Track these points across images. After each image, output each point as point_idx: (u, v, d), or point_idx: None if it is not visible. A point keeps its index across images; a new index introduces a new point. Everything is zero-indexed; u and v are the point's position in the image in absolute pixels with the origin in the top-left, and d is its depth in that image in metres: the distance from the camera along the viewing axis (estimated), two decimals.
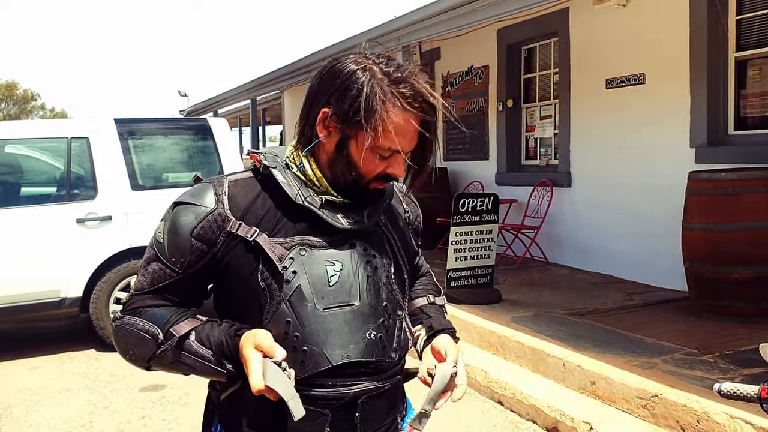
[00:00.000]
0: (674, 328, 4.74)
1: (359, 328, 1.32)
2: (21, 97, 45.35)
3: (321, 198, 1.34)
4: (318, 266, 1.32)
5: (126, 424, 4.14)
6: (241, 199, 1.35)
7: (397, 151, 1.31)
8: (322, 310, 1.30)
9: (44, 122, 7.57)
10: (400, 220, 1.52)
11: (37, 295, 5.29)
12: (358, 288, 1.34)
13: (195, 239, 1.32)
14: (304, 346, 1.29)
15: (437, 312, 1.58)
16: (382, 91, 1.27)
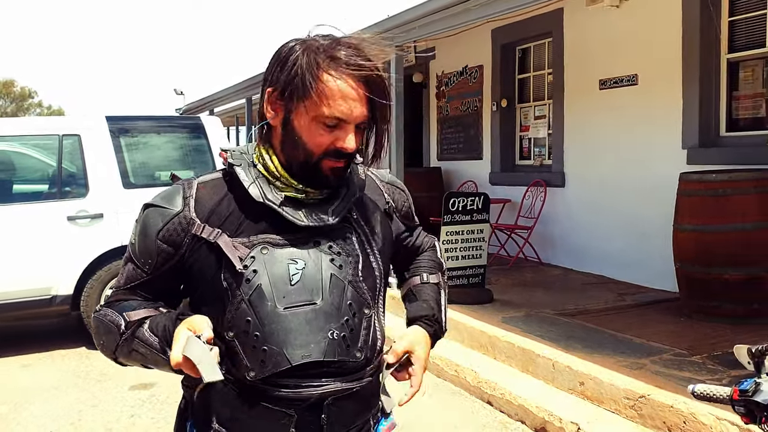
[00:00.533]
0: (664, 328, 4.75)
1: (321, 327, 1.30)
2: (18, 95, 45.21)
3: (282, 195, 1.33)
4: (280, 265, 1.31)
5: (114, 423, 4.13)
6: (208, 201, 1.34)
7: (342, 120, 1.28)
8: (283, 309, 1.29)
9: (36, 119, 7.57)
10: (378, 213, 1.47)
11: (27, 292, 5.28)
12: (321, 286, 1.32)
13: (160, 241, 1.33)
14: (264, 346, 1.28)
15: (427, 293, 1.58)
16: (317, 57, 1.26)
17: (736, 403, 1.27)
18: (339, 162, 1.32)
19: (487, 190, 7.92)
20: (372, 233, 1.43)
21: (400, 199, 1.57)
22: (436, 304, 1.56)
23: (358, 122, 1.30)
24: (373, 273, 1.40)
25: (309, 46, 1.28)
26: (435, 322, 1.53)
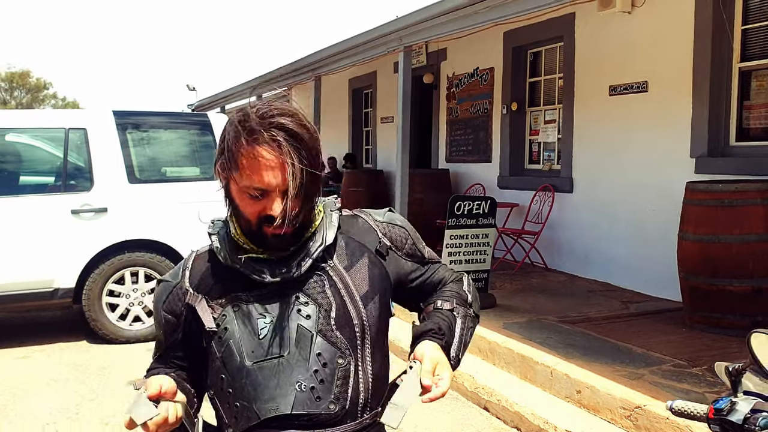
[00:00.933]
0: (665, 338, 4.69)
1: (288, 380, 1.31)
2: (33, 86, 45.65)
3: (242, 258, 1.35)
4: (248, 321, 1.34)
5: (111, 417, 4.14)
6: (198, 271, 1.43)
7: (264, 189, 1.28)
8: (252, 364, 1.31)
9: (42, 112, 7.61)
10: (364, 256, 1.43)
11: (29, 284, 5.31)
12: (288, 338, 1.32)
13: (165, 312, 1.44)
14: (236, 402, 1.33)
15: (437, 317, 1.46)
16: (236, 129, 1.28)
17: (711, 421, 1.24)
18: (278, 229, 1.30)
19: (495, 194, 7.89)
20: (352, 279, 1.40)
21: (400, 236, 1.51)
22: (445, 324, 1.44)
23: (281, 190, 1.28)
24: (351, 321, 1.36)
25: (233, 118, 1.31)
26: (441, 335, 1.40)
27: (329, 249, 1.39)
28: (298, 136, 1.27)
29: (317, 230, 1.39)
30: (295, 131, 1.27)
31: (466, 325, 1.48)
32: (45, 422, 4.08)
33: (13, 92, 45.41)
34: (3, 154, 5.58)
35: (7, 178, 5.55)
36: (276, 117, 1.27)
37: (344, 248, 1.42)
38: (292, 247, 1.35)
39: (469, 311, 1.52)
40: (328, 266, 1.38)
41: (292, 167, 1.26)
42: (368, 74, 11.26)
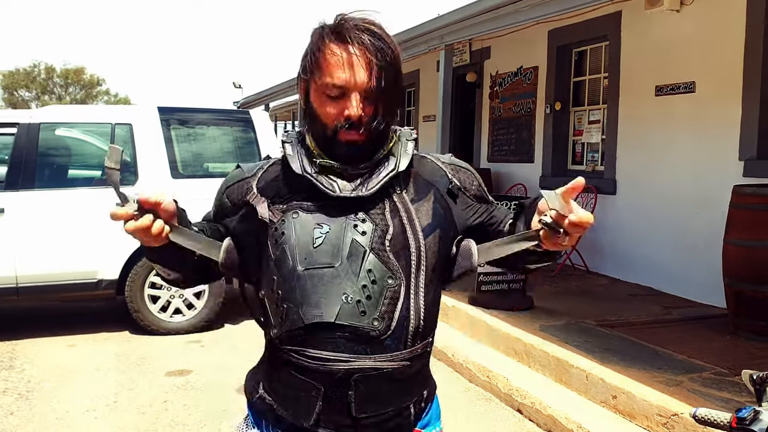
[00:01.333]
0: (708, 345, 4.57)
1: (335, 290, 1.33)
2: (87, 82, 46.96)
3: (317, 166, 1.38)
4: (305, 228, 1.36)
5: (147, 407, 4.23)
6: (269, 175, 1.46)
7: (343, 87, 1.31)
8: (303, 270, 1.33)
9: (90, 107, 7.82)
10: (431, 193, 1.44)
11: (75, 275, 5.46)
12: (341, 250, 1.34)
13: (225, 196, 1.49)
14: (284, 303, 1.35)
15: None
16: (322, 32, 1.35)
17: (734, 430, 1.20)
18: (353, 134, 1.34)
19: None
20: (416, 210, 1.41)
21: (467, 178, 1.51)
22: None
23: (362, 89, 1.32)
24: (408, 248, 1.37)
25: (319, 25, 1.37)
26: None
27: (398, 177, 1.41)
28: (384, 41, 1.33)
29: (391, 154, 1.41)
30: (382, 35, 1.33)
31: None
32: (85, 409, 4.19)
33: (68, 88, 46.80)
34: (53, 148, 5.74)
35: (57, 171, 5.72)
36: (363, 22, 1.34)
37: (412, 181, 1.45)
38: (363, 162, 1.37)
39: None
40: (394, 192, 1.41)
41: (376, 66, 1.31)
42: (411, 72, 11.25)
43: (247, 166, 1.51)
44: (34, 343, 5.49)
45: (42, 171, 5.57)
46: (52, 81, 46.53)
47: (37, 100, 44.87)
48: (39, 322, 6.12)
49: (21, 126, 5.47)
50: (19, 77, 45.59)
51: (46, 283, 5.41)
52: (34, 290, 5.43)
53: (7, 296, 5.41)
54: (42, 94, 45.72)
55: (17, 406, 4.22)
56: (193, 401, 4.33)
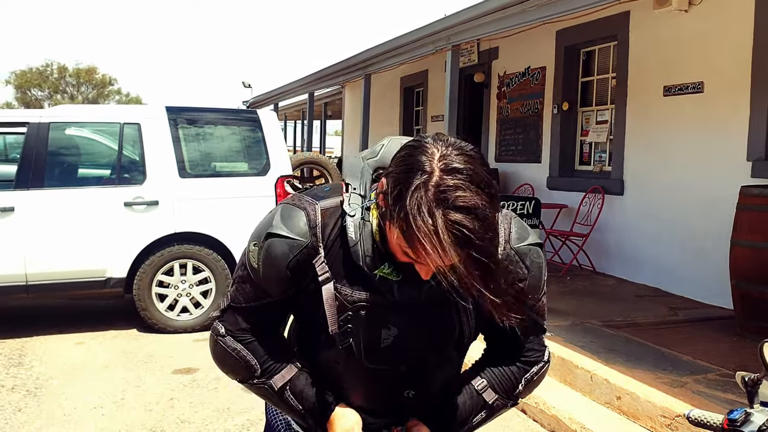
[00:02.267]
0: (714, 347, 4.56)
1: (399, 388, 1.41)
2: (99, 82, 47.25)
3: (377, 275, 1.30)
4: (374, 328, 1.35)
5: (154, 405, 4.26)
6: (327, 232, 1.35)
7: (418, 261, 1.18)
8: (369, 366, 1.37)
9: (99, 107, 7.87)
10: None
11: (84, 273, 5.50)
12: (408, 354, 1.37)
13: (290, 271, 1.35)
14: (344, 384, 1.43)
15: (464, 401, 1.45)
16: (418, 195, 1.12)
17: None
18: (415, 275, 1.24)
19: (545, 195, 7.80)
20: (472, 303, 1.37)
21: (516, 271, 1.36)
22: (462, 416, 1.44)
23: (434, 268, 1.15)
24: (464, 339, 1.42)
25: (428, 178, 1.12)
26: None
27: None
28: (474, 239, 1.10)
29: None
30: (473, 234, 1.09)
31: (493, 415, 1.49)
32: (93, 406, 4.23)
33: (80, 87, 47.10)
34: (62, 147, 5.78)
35: (66, 170, 5.76)
36: (462, 212, 1.10)
37: None
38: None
39: (508, 403, 1.48)
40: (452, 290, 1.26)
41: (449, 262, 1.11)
42: (419, 72, 11.26)
43: (292, 230, 1.34)
44: (43, 341, 5.55)
45: (51, 170, 5.61)
46: (64, 80, 46.85)
47: (49, 99, 45.20)
48: (48, 320, 6.17)
49: (31, 125, 5.52)
50: (32, 76, 45.93)
51: (56, 281, 5.46)
52: (44, 288, 5.49)
53: (17, 294, 5.46)
54: (54, 93, 46.04)
55: (25, 403, 4.26)
56: (199, 399, 4.36)
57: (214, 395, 4.41)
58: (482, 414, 1.46)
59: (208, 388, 4.54)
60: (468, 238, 1.09)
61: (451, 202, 1.10)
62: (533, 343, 1.46)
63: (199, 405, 4.26)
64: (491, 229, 1.13)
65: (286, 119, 23.51)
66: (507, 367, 1.46)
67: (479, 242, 1.10)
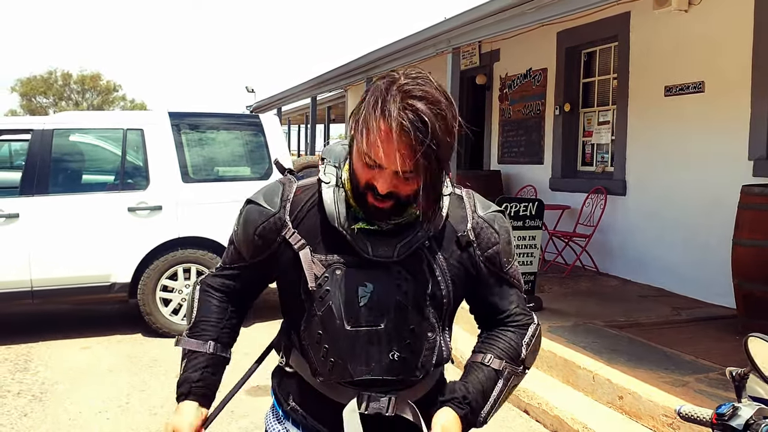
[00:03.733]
0: (716, 346, 4.56)
1: (384, 348, 1.39)
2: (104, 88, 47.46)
3: (354, 229, 1.37)
4: (350, 287, 1.38)
5: (159, 408, 4.29)
6: (301, 207, 1.45)
7: (378, 164, 1.27)
8: (350, 328, 1.38)
9: (102, 113, 7.91)
10: (457, 247, 1.45)
11: (88, 278, 5.54)
12: (387, 310, 1.39)
13: (257, 236, 1.47)
14: (331, 357, 1.41)
15: (476, 376, 1.47)
16: (374, 98, 1.26)
17: (715, 426, 1.23)
18: (380, 203, 1.33)
19: (547, 196, 7.81)
20: (446, 261, 1.43)
21: (487, 237, 1.48)
22: (478, 389, 1.45)
23: (394, 170, 1.26)
24: (441, 300, 1.43)
25: (378, 85, 1.29)
26: (465, 404, 1.43)
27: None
28: (430, 126, 1.22)
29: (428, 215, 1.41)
30: (428, 120, 1.22)
31: (509, 385, 1.49)
32: (98, 410, 4.26)
33: (85, 94, 47.30)
34: (66, 153, 5.83)
35: (70, 176, 5.81)
36: (416, 100, 1.23)
37: (444, 231, 1.44)
38: (392, 219, 1.37)
39: (518, 369, 1.49)
40: (424, 246, 1.41)
41: (409, 157, 1.23)
42: None
43: (266, 200, 1.47)
44: (48, 346, 5.58)
45: (56, 176, 5.66)
46: (68, 87, 47.08)
47: (54, 106, 45.40)
48: (53, 325, 6.21)
49: (35, 132, 5.57)
50: (36, 84, 46.15)
51: (60, 287, 5.50)
52: (49, 293, 5.53)
53: (23, 299, 5.51)
54: (59, 100, 46.25)
55: (31, 408, 4.30)
56: None
57: (218, 398, 4.42)
58: (499, 386, 1.47)
59: None
60: (424, 123, 1.21)
61: (408, 91, 1.24)
62: (519, 308, 1.54)
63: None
64: (445, 123, 1.25)
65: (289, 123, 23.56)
66: (504, 336, 1.51)
67: (434, 130, 1.22)
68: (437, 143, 1.23)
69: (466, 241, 1.45)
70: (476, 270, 1.48)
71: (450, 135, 1.26)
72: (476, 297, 1.54)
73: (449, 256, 1.43)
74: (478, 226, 1.47)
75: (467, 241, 1.45)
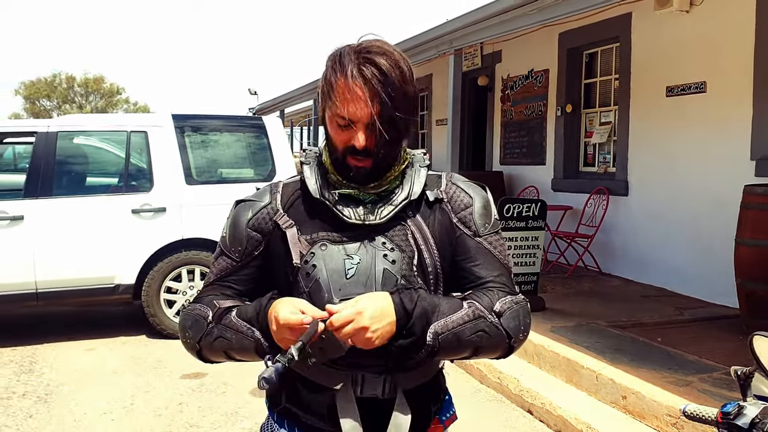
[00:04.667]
0: (720, 346, 4.57)
1: None
2: (107, 91, 47.52)
3: (335, 193, 1.42)
4: (336, 260, 1.39)
5: (163, 409, 4.31)
6: (288, 196, 1.49)
7: (350, 120, 1.35)
8: (339, 301, 1.35)
9: (106, 116, 7.94)
10: (438, 213, 1.47)
11: (93, 280, 5.56)
12: (374, 281, 1.38)
13: (250, 229, 1.48)
14: (323, 335, 1.35)
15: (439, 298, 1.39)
16: (334, 61, 1.36)
17: (720, 425, 1.24)
18: (360, 161, 1.39)
19: (549, 196, 7.81)
20: (430, 230, 1.45)
21: (460, 199, 1.49)
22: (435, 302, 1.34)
23: (365, 122, 1.35)
24: (427, 268, 1.44)
25: (335, 51, 1.39)
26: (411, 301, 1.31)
27: (413, 202, 1.45)
28: (389, 75, 1.33)
29: (404, 181, 1.46)
30: (386, 70, 1.33)
31: (475, 325, 1.34)
32: (102, 411, 4.28)
33: (89, 97, 47.36)
34: (70, 156, 5.86)
35: (74, 178, 5.83)
36: (371, 54, 1.34)
37: (424, 203, 1.47)
38: (373, 182, 1.42)
39: (487, 317, 1.36)
40: (409, 217, 1.44)
41: (377, 103, 1.32)
42: (424, 77, 11.29)
43: (254, 196, 1.52)
44: (53, 348, 5.60)
45: (60, 179, 5.68)
46: (72, 90, 47.12)
47: (58, 109, 45.46)
48: (58, 327, 6.24)
49: (39, 135, 5.59)
50: (40, 87, 46.23)
51: (65, 289, 5.52)
52: (53, 295, 5.55)
53: (28, 301, 5.52)
54: (63, 103, 46.30)
55: (36, 409, 4.31)
56: (207, 403, 4.40)
57: (222, 399, 4.45)
58: (461, 313, 1.34)
59: (216, 392, 4.58)
60: (381, 72, 1.32)
61: (363, 49, 1.35)
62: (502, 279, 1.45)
63: (208, 409, 4.30)
64: (402, 74, 1.35)
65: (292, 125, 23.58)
66: (478, 292, 1.42)
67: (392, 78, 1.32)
68: (397, 90, 1.34)
69: (435, 198, 1.47)
70: (454, 234, 1.46)
71: (407, 85, 1.36)
72: (456, 266, 1.46)
73: (431, 225, 1.45)
74: (450, 189, 1.50)
75: (437, 198, 1.47)
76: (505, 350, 1.40)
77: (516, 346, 1.41)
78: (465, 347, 1.35)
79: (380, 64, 1.33)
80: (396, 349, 1.31)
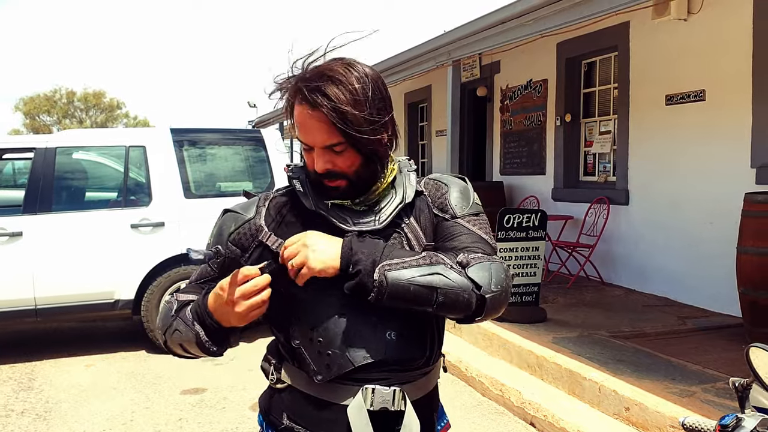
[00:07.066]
0: (723, 356, 4.53)
1: (378, 329, 1.37)
2: (107, 105, 47.72)
3: (328, 203, 1.41)
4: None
5: (163, 426, 4.27)
6: (278, 211, 1.46)
7: (308, 145, 1.38)
8: (341, 315, 1.35)
9: (104, 131, 7.93)
10: (428, 214, 1.49)
11: (92, 296, 5.54)
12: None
13: (231, 243, 1.45)
14: (328, 350, 1.36)
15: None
16: (290, 88, 1.39)
17: None
18: (332, 182, 1.39)
19: (550, 206, 7.80)
20: (421, 227, 1.46)
21: (436, 188, 1.52)
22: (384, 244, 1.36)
23: (322, 147, 1.36)
24: None
25: (288, 79, 1.41)
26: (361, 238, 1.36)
27: (407, 208, 1.46)
28: (336, 100, 1.32)
29: (396, 188, 1.46)
30: (332, 95, 1.32)
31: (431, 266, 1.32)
32: (102, 428, 4.24)
33: (89, 112, 47.54)
34: (69, 171, 5.85)
35: (73, 194, 5.83)
36: (318, 81, 1.34)
37: (415, 206, 1.48)
38: (356, 198, 1.42)
39: (451, 263, 1.35)
40: (404, 223, 1.45)
41: (331, 124, 1.32)
42: (423, 88, 11.32)
43: (239, 207, 1.49)
44: (52, 364, 5.58)
45: (59, 194, 5.67)
46: (72, 105, 47.32)
47: (58, 125, 45.62)
48: (57, 343, 6.21)
49: (38, 150, 5.59)
50: (40, 102, 46.40)
51: (64, 305, 5.50)
52: (53, 311, 5.53)
53: (27, 317, 5.51)
54: (63, 118, 46.47)
55: (35, 427, 4.28)
56: (207, 419, 4.36)
57: (222, 415, 4.42)
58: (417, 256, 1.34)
59: (216, 408, 4.55)
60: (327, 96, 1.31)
61: (315, 74, 1.35)
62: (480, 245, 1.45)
63: (207, 425, 4.27)
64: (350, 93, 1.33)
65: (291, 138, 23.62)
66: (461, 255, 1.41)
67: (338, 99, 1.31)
68: (345, 111, 1.32)
69: (416, 191, 1.48)
70: (435, 222, 1.48)
71: (360, 105, 1.34)
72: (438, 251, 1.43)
73: (421, 223, 1.46)
74: (428, 184, 1.52)
75: (417, 191, 1.48)
76: (478, 304, 1.33)
77: (493, 303, 1.34)
78: (421, 293, 1.30)
79: (325, 89, 1.32)
80: (347, 291, 1.31)
